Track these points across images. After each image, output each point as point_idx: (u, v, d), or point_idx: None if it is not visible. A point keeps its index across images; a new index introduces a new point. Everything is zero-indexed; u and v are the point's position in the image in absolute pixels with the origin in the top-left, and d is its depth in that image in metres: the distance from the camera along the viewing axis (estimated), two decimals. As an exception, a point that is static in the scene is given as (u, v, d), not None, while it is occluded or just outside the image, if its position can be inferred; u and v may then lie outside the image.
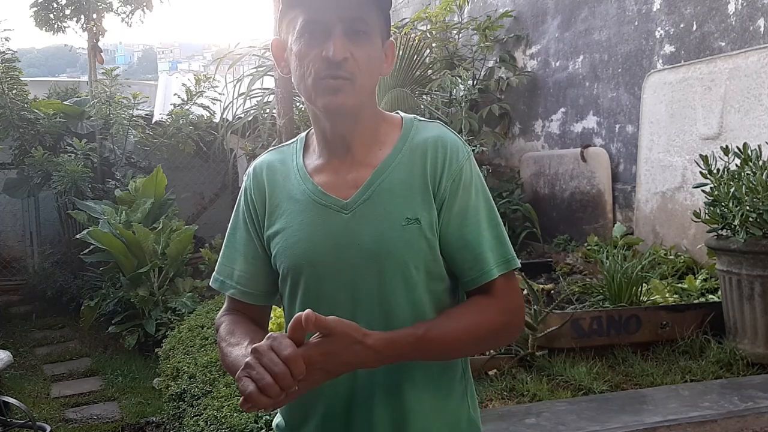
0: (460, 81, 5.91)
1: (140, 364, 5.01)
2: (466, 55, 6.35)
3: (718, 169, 2.97)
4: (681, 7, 4.41)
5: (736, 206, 2.79)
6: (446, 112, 5.62)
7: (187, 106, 6.93)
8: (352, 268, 1.11)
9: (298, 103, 6.36)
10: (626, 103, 4.91)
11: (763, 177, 2.77)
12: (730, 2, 4.05)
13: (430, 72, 5.59)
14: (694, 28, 4.30)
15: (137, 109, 6.92)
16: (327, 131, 1.15)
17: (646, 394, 2.56)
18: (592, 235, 4.80)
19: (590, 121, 5.30)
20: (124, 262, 5.23)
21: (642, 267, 3.38)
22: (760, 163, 2.87)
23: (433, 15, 6.51)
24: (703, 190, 2.99)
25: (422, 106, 5.06)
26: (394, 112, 1.24)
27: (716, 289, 3.40)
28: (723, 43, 4.09)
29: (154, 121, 7.27)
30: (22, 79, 6.65)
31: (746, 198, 2.77)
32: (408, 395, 1.12)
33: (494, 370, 2.87)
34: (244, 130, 6.66)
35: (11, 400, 3.35)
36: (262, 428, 2.40)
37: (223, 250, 1.26)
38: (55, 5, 7.80)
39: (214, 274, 1.27)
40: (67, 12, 7.80)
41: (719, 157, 3.00)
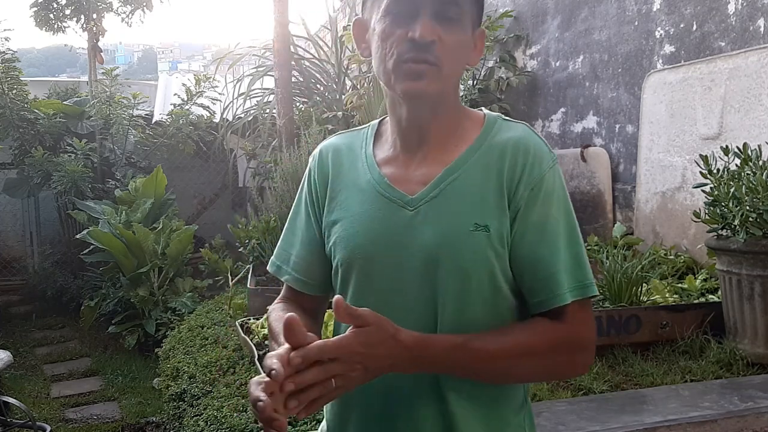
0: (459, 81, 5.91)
1: (140, 364, 5.01)
2: (466, 55, 6.34)
3: (718, 169, 2.97)
4: (681, 7, 4.41)
5: (736, 206, 2.79)
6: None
7: (187, 106, 6.94)
8: (408, 270, 1.02)
9: (298, 103, 6.37)
10: (626, 103, 4.91)
11: (763, 177, 2.77)
12: (730, 2, 4.05)
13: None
14: (694, 28, 4.30)
15: (137, 109, 6.93)
16: (403, 119, 1.07)
17: (646, 394, 2.56)
18: (592, 235, 4.80)
19: (590, 121, 5.30)
20: (124, 262, 5.23)
21: (642, 267, 3.38)
22: (760, 163, 2.87)
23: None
24: (703, 190, 2.99)
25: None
26: (478, 108, 1.15)
27: (716, 289, 3.39)
28: (723, 43, 4.09)
29: (154, 121, 7.28)
30: (22, 79, 6.66)
31: (746, 198, 2.77)
32: (459, 414, 1.01)
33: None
34: (244, 130, 6.67)
35: (11, 400, 3.36)
36: (262, 428, 2.40)
37: (283, 234, 1.20)
38: (55, 5, 7.81)
39: (271, 258, 1.21)
40: (67, 12, 7.82)
41: (719, 157, 2.99)
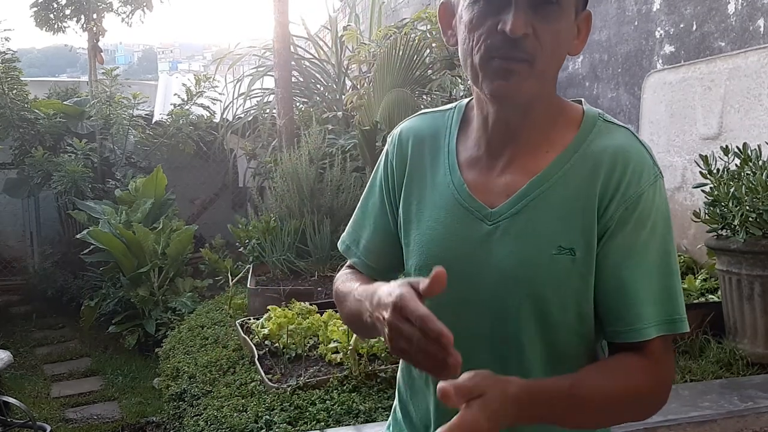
0: (460, 81, 5.90)
1: (140, 364, 5.01)
2: (466, 55, 6.33)
3: (718, 169, 2.97)
4: (681, 7, 4.41)
5: (736, 206, 2.79)
6: (446, 112, 5.62)
7: (187, 106, 6.94)
8: (484, 288, 0.94)
9: (298, 103, 6.37)
10: (626, 103, 4.91)
11: (763, 177, 2.77)
12: (730, 2, 4.05)
13: (430, 72, 5.59)
14: (694, 28, 4.30)
15: (137, 109, 6.92)
16: (490, 118, 0.96)
17: (646, 394, 2.56)
18: (592, 235, 4.80)
19: (590, 121, 5.31)
20: (124, 262, 5.23)
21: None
22: (760, 163, 2.87)
23: (433, 15, 6.51)
24: (703, 190, 2.99)
25: (422, 107, 5.06)
26: (576, 100, 1.00)
27: (716, 289, 3.39)
28: (723, 43, 4.09)
29: (154, 121, 7.28)
30: (22, 79, 6.66)
31: (746, 198, 2.77)
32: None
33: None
34: (244, 130, 6.67)
35: (11, 400, 3.36)
36: (262, 428, 2.40)
37: (355, 214, 1.13)
38: (55, 5, 7.81)
39: (342, 235, 1.14)
40: (67, 12, 7.82)
41: (719, 157, 2.99)
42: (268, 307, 3.32)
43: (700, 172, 3.03)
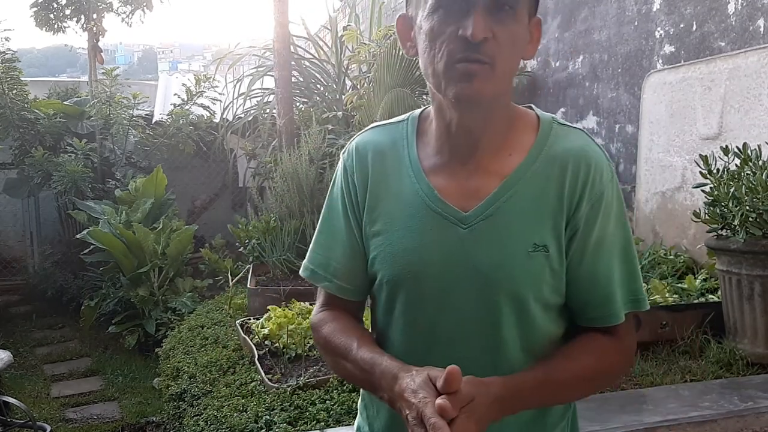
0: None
1: (140, 364, 5.01)
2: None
3: (718, 169, 2.97)
4: (681, 7, 4.41)
5: (736, 206, 2.79)
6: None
7: (187, 106, 6.94)
8: (461, 291, 0.97)
9: (298, 103, 6.37)
10: (626, 103, 4.91)
11: (763, 177, 2.77)
12: (730, 2, 4.05)
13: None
14: (694, 28, 4.30)
15: (137, 109, 6.92)
16: (453, 124, 0.99)
17: (646, 394, 2.56)
18: (592, 235, 4.80)
19: (590, 121, 5.30)
20: (124, 262, 5.23)
21: (642, 267, 3.38)
22: (760, 163, 2.87)
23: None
24: (703, 190, 2.99)
25: (422, 107, 5.06)
26: (527, 106, 1.06)
27: (716, 289, 3.39)
28: (723, 43, 4.09)
29: (154, 121, 7.28)
30: (22, 79, 6.66)
31: (746, 198, 2.77)
32: (508, 425, 0.97)
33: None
34: (244, 130, 6.67)
35: (11, 400, 3.35)
36: (262, 428, 2.40)
37: (317, 236, 1.11)
38: (55, 5, 7.81)
39: (304, 262, 1.12)
40: (67, 12, 7.81)
41: (719, 157, 2.99)
42: (268, 307, 3.32)
43: (700, 172, 3.03)
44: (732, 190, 2.81)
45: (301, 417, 2.43)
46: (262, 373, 2.78)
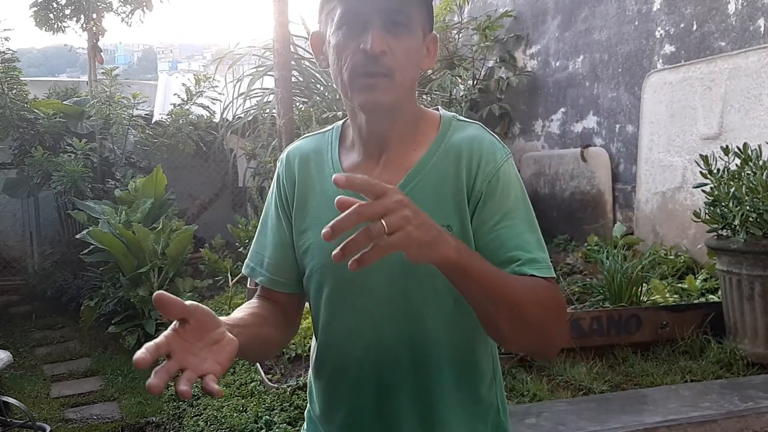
0: (460, 81, 5.91)
1: (140, 364, 5.00)
2: (466, 55, 6.35)
3: (718, 169, 2.97)
4: (681, 7, 4.41)
5: (736, 206, 2.79)
6: (446, 112, 5.62)
7: (187, 106, 6.93)
8: (379, 273, 1.06)
9: (298, 103, 6.37)
10: (626, 103, 4.91)
11: (763, 177, 2.77)
12: (730, 2, 4.05)
13: (430, 72, 5.59)
14: (694, 28, 4.30)
15: (137, 109, 6.92)
16: (363, 128, 1.12)
17: (646, 394, 2.56)
18: (592, 235, 4.80)
19: (590, 121, 5.30)
20: (124, 262, 5.23)
21: (642, 267, 3.38)
22: (760, 163, 2.87)
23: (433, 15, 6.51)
24: (703, 190, 2.99)
25: (422, 106, 5.06)
26: (434, 108, 1.19)
27: (716, 289, 3.39)
28: (723, 43, 4.09)
29: (154, 121, 7.28)
30: (22, 79, 6.65)
31: (746, 198, 2.77)
32: (436, 396, 1.09)
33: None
34: (244, 130, 6.67)
35: (11, 400, 3.35)
36: (262, 428, 2.40)
37: (256, 237, 1.23)
38: (55, 5, 7.81)
39: (246, 260, 1.24)
40: (67, 12, 7.81)
41: (719, 157, 2.99)
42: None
43: (701, 172, 3.03)
44: (732, 190, 2.82)
45: (301, 417, 2.41)
46: (262, 373, 2.78)
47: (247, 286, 4.18)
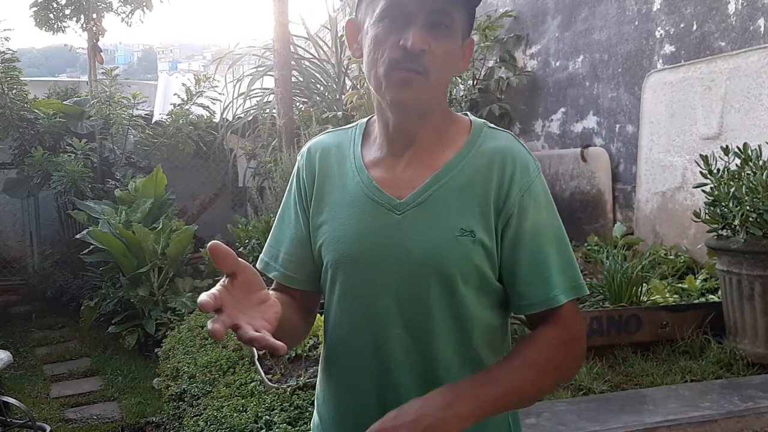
0: (459, 81, 5.90)
1: (140, 364, 5.01)
2: (466, 55, 6.34)
3: (718, 169, 2.97)
4: (681, 7, 4.41)
5: (736, 206, 2.79)
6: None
7: (187, 106, 6.94)
8: (396, 273, 1.06)
9: (298, 103, 6.37)
10: (626, 103, 4.91)
11: (763, 177, 2.77)
12: (730, 2, 4.05)
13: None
14: (694, 28, 4.30)
15: (137, 109, 6.93)
16: (390, 124, 1.10)
17: (646, 394, 2.56)
18: (592, 235, 4.80)
19: (590, 121, 5.29)
20: (124, 262, 5.23)
21: (642, 267, 3.38)
22: (760, 163, 2.87)
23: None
24: (703, 190, 2.99)
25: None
26: (463, 113, 1.18)
27: (716, 289, 3.39)
28: (723, 43, 4.09)
29: (154, 121, 7.28)
30: (22, 79, 6.66)
31: (746, 198, 2.77)
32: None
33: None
34: (244, 130, 6.67)
35: (11, 400, 3.35)
36: (262, 428, 2.40)
37: (273, 231, 1.22)
38: (55, 5, 7.81)
39: (261, 255, 1.22)
40: (67, 12, 7.82)
41: (719, 157, 2.99)
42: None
43: (701, 172, 3.03)
44: (732, 190, 2.81)
45: (301, 417, 2.42)
46: (262, 374, 2.78)
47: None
